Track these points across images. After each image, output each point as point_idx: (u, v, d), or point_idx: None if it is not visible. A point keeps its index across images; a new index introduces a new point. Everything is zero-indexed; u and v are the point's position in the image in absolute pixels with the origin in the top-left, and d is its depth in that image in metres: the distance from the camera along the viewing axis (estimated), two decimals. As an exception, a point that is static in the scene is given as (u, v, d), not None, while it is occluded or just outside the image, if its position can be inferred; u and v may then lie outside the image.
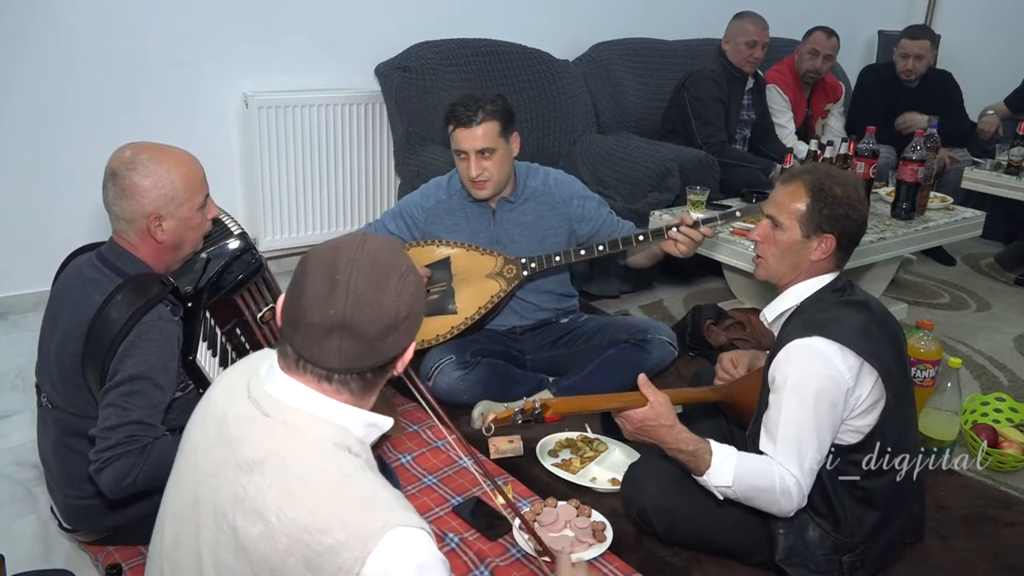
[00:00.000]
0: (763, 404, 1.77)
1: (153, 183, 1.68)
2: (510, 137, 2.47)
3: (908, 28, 4.41)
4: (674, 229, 2.38)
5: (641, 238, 2.44)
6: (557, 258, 2.48)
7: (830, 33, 4.07)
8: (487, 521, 1.97)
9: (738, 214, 2.40)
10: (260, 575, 1.08)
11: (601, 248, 2.47)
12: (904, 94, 4.37)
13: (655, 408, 1.73)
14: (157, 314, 1.67)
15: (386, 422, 1.21)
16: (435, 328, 2.50)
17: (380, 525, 1.06)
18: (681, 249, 2.39)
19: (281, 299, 1.17)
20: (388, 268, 1.12)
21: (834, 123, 4.35)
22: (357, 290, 1.09)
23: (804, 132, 4.21)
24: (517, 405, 1.77)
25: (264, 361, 1.21)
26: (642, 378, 1.78)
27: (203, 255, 1.84)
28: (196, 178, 1.75)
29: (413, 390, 1.38)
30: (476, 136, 2.39)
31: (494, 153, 2.42)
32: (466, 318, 2.49)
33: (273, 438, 1.13)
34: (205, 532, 1.14)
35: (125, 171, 1.67)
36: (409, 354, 1.20)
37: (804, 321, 1.74)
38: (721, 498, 1.73)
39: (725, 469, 1.69)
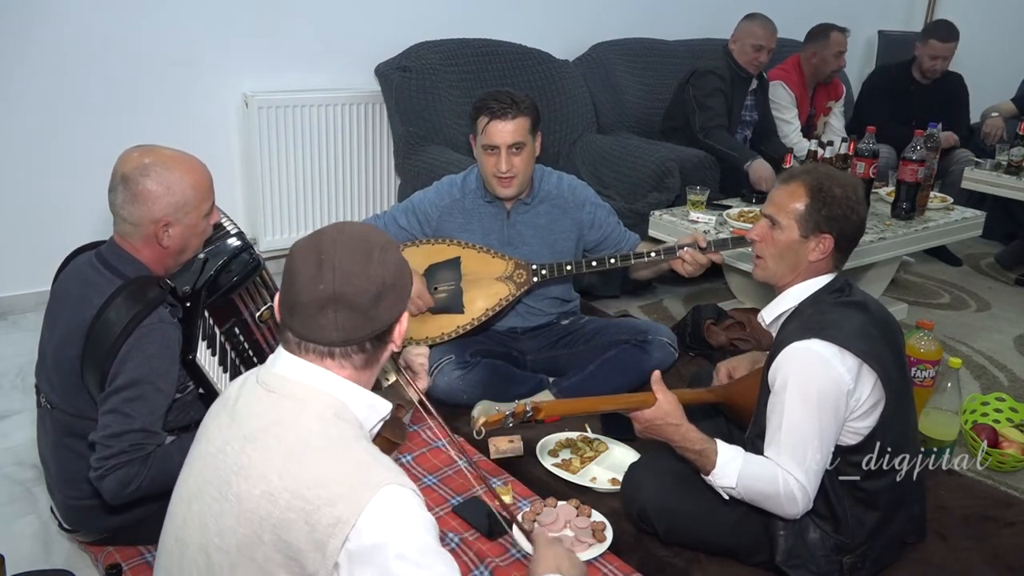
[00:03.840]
0: (762, 406, 1.77)
1: (165, 190, 1.67)
2: (536, 136, 2.48)
3: (936, 28, 4.34)
4: (685, 248, 2.39)
5: (652, 255, 2.45)
6: (568, 267, 2.48)
7: (844, 31, 4.09)
8: (487, 521, 1.97)
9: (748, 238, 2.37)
10: (263, 535, 1.13)
11: (612, 261, 2.47)
12: (918, 92, 4.38)
13: (662, 407, 1.74)
14: (157, 317, 1.66)
15: (384, 405, 1.28)
16: (441, 326, 2.50)
17: (376, 482, 1.13)
18: (687, 269, 2.43)
19: (278, 295, 1.25)
20: (368, 243, 1.21)
21: (835, 122, 4.36)
22: (343, 265, 1.18)
23: (806, 129, 4.22)
24: (508, 408, 1.77)
25: (271, 357, 1.29)
26: (656, 375, 1.78)
27: (200, 255, 1.83)
28: (205, 185, 1.74)
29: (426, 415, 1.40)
30: (510, 130, 2.39)
31: (523, 149, 2.43)
32: (473, 319, 2.49)
33: (277, 409, 1.20)
34: (212, 506, 1.19)
35: (138, 176, 1.66)
36: (404, 324, 1.28)
37: (802, 323, 1.74)
38: (727, 498, 1.74)
39: (729, 470, 1.69)
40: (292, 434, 1.17)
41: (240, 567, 1.15)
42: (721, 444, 1.72)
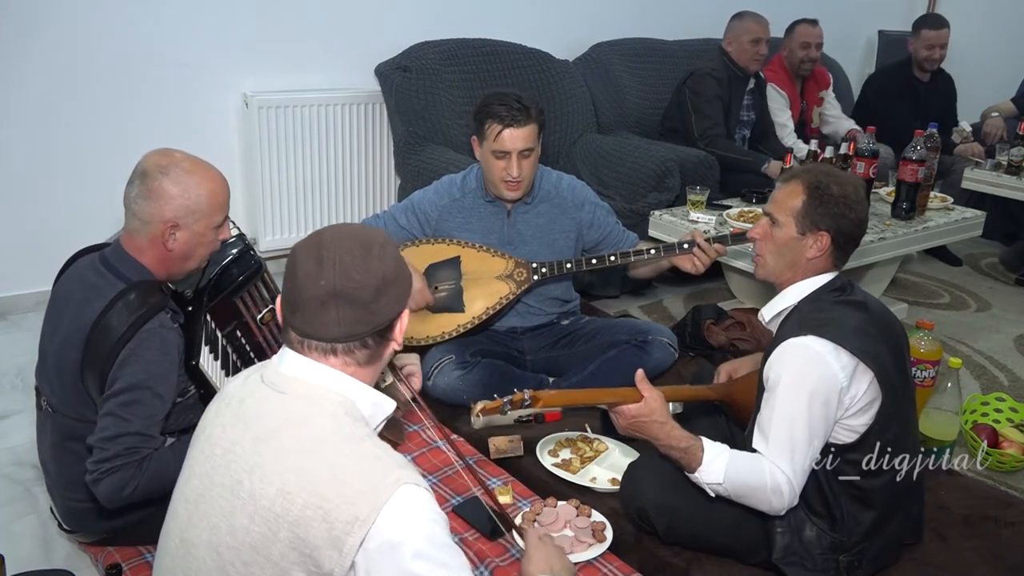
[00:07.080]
0: (759, 402, 1.77)
1: (180, 192, 1.67)
2: (540, 139, 2.49)
3: (925, 19, 4.39)
4: (696, 243, 2.39)
5: (652, 252, 2.45)
6: (568, 265, 2.48)
7: (813, 23, 4.10)
8: (488, 521, 1.97)
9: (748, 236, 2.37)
10: (279, 532, 1.13)
11: (612, 259, 2.47)
12: (923, 88, 4.41)
13: (648, 404, 1.73)
14: (158, 322, 1.66)
15: (389, 403, 1.29)
16: (441, 325, 2.50)
17: (394, 479, 1.14)
18: (697, 265, 2.43)
19: (280, 295, 1.25)
20: (367, 240, 1.23)
21: (831, 109, 4.39)
22: (343, 260, 1.19)
23: (801, 125, 4.22)
24: (507, 396, 1.75)
25: (275, 357, 1.28)
26: (639, 373, 1.77)
27: None
28: (221, 197, 1.75)
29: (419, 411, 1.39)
30: (522, 136, 2.39)
31: (531, 153, 2.43)
32: (473, 317, 2.49)
33: (288, 409, 1.21)
34: (222, 504, 1.19)
35: (156, 174, 1.67)
36: (405, 321, 1.29)
37: (800, 320, 1.74)
38: (713, 495, 1.73)
39: (716, 466, 1.69)
40: (306, 433, 1.18)
41: (255, 565, 1.15)
42: (707, 441, 1.72)
